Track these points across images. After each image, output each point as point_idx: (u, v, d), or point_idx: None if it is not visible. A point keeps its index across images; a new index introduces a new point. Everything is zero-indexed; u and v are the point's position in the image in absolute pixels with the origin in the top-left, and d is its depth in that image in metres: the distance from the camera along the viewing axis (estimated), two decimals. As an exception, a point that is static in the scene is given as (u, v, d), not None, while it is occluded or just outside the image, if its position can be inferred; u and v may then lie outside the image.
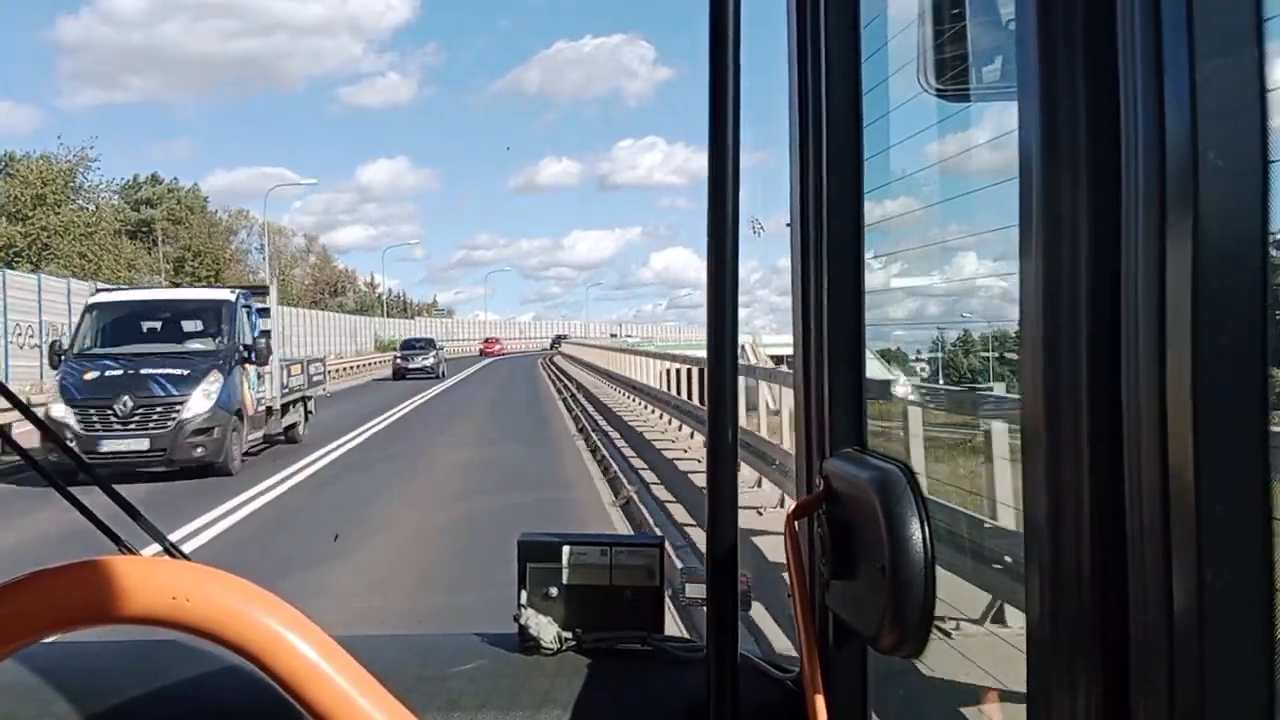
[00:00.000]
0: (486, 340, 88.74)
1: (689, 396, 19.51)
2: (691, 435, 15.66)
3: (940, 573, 0.81)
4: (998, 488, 4.13)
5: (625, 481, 11.85)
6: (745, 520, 8.45)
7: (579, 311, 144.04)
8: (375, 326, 79.37)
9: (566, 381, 35.51)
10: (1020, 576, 0.64)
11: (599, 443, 16.29)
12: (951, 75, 1.11)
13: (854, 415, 1.01)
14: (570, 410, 24.54)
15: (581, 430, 19.45)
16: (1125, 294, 0.57)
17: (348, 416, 21.76)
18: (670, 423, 18.39)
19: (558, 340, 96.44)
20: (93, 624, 0.70)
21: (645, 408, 22.14)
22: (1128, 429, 0.57)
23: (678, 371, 24.62)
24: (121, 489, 0.98)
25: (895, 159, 1.27)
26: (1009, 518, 3.66)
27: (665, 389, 22.04)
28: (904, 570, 0.80)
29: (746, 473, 10.89)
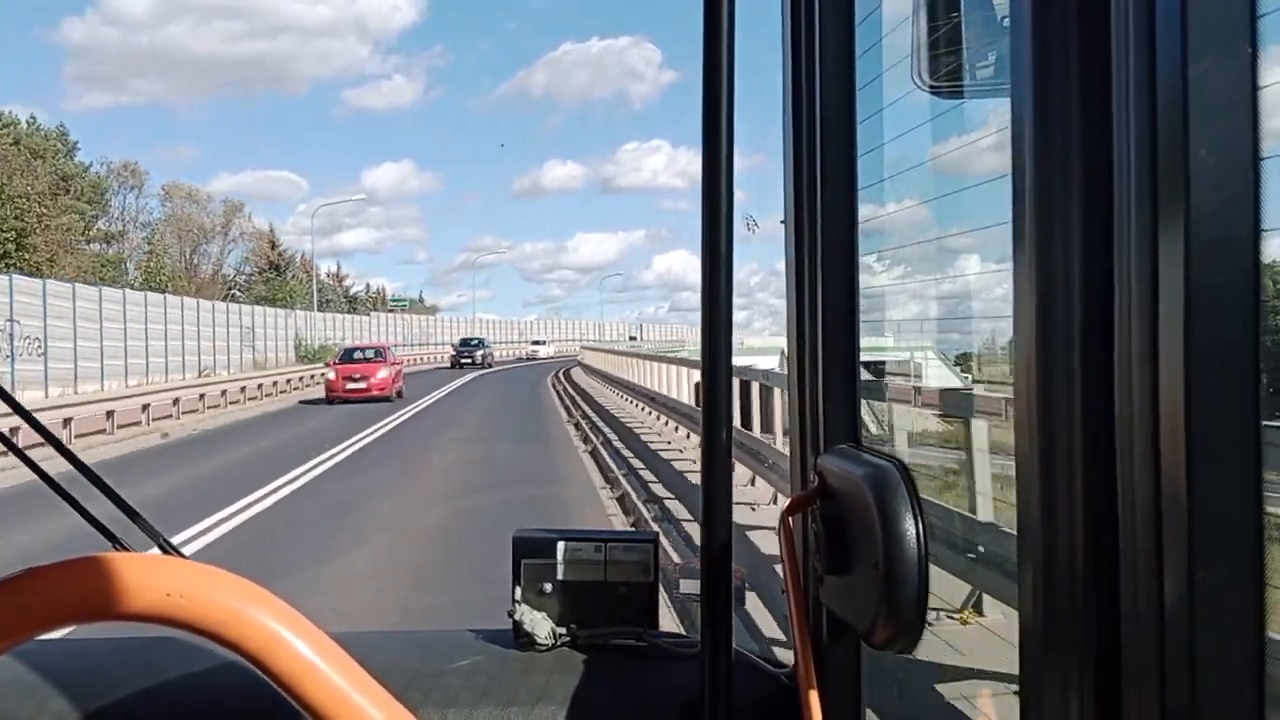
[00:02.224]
0: (341, 359, 33.73)
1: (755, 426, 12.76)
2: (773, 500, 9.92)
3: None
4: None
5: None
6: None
7: (581, 313, 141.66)
8: (299, 322, 55.22)
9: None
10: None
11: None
12: (946, 72, 1.11)
13: (848, 411, 1.01)
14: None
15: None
16: (1118, 289, 0.57)
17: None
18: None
19: (467, 344, 58.76)
20: (89, 620, 0.70)
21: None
22: (1120, 425, 0.57)
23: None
24: (121, 490, 0.98)
25: (889, 155, 1.27)
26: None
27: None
28: (897, 565, 0.80)
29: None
